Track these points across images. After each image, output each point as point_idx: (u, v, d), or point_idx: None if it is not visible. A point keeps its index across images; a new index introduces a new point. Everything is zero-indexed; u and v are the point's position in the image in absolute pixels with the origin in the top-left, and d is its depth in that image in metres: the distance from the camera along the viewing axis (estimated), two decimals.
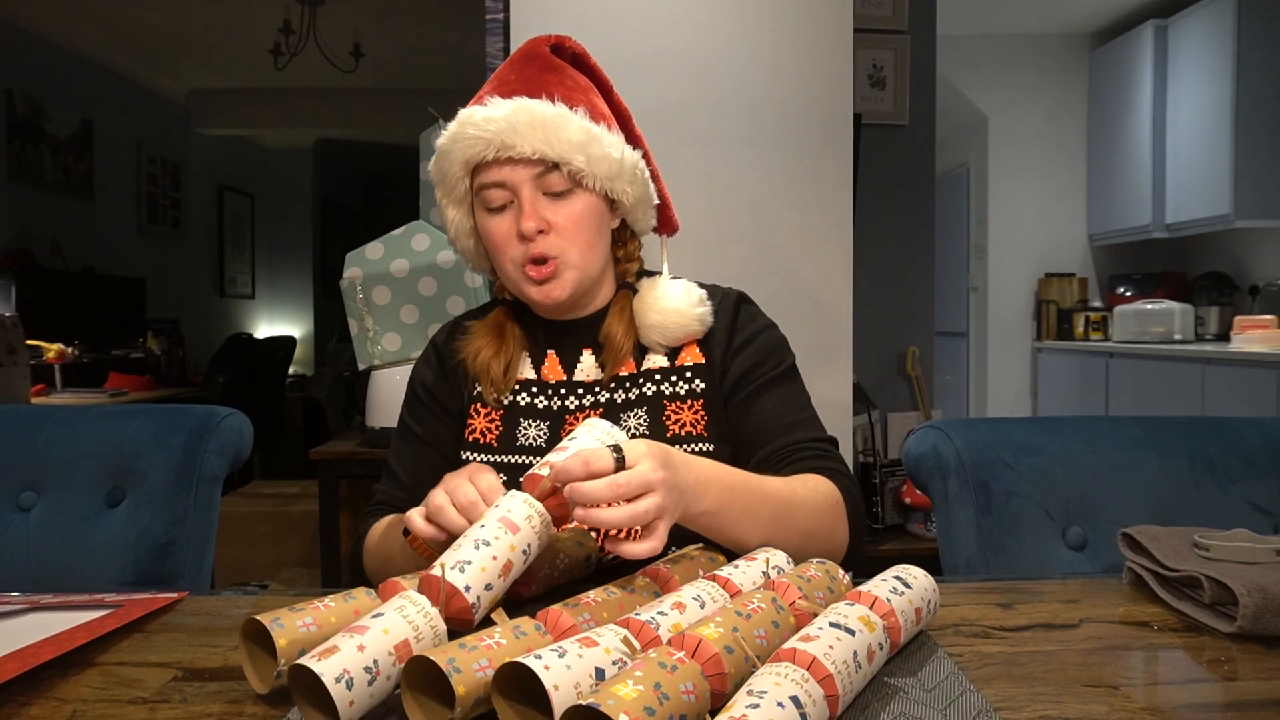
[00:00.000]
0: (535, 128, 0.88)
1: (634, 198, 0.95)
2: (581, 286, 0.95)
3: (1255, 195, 3.89)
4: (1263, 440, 1.11)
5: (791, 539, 0.83)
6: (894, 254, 3.00)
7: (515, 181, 0.90)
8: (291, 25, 4.50)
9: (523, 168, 0.90)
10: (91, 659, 0.68)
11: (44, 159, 4.83)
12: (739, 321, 1.00)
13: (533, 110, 0.88)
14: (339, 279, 1.98)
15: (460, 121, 0.91)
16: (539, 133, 0.88)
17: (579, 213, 0.92)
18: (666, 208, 1.03)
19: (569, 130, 0.88)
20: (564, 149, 0.88)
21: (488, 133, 0.88)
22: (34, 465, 1.14)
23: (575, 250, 0.92)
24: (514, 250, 0.92)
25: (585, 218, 0.92)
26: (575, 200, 0.91)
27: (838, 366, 1.80)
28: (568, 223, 0.91)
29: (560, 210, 0.91)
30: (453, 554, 0.66)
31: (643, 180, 0.95)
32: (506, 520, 0.69)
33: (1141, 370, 4.09)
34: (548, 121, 0.88)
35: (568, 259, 0.92)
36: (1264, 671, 0.65)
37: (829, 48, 1.79)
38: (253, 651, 0.62)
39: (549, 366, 0.99)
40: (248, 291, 7.25)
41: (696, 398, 0.96)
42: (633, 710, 0.46)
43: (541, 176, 0.90)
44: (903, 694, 0.60)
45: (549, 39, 0.97)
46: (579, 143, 0.89)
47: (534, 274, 0.92)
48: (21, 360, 3.04)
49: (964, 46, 4.80)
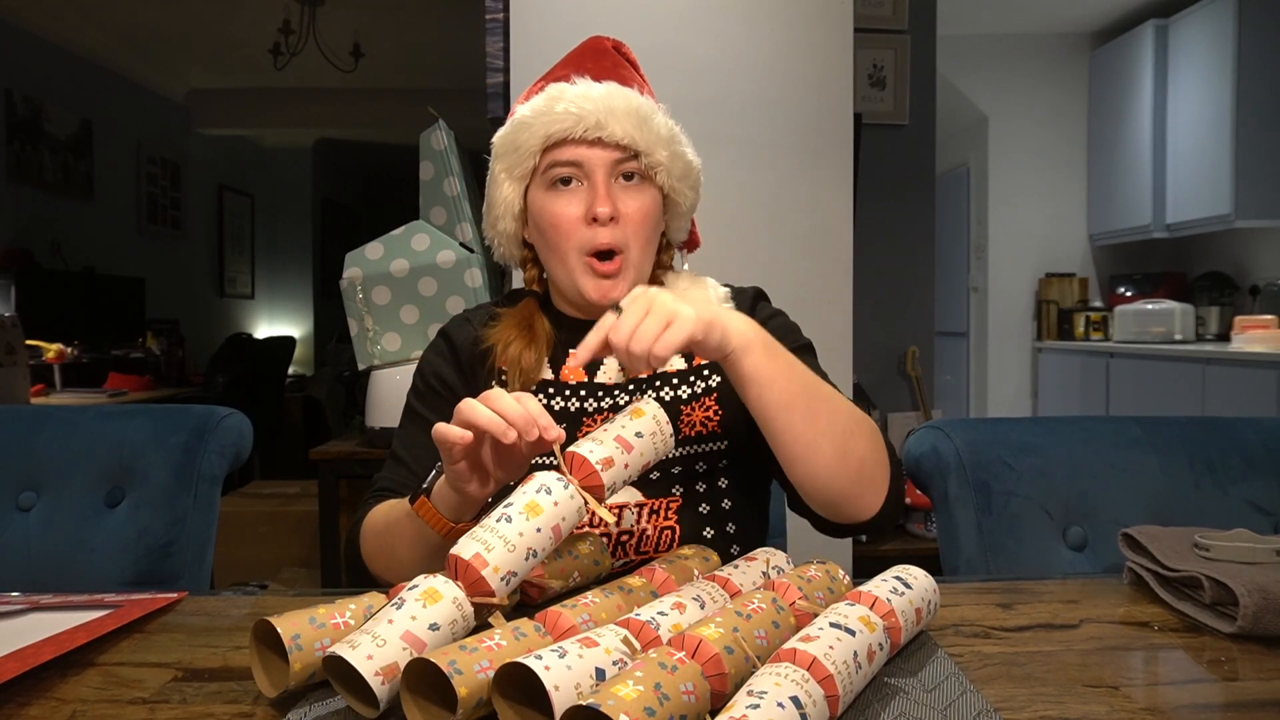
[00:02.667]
0: (630, 114, 0.88)
1: (689, 204, 0.96)
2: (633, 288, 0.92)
3: (1255, 195, 3.89)
4: (1263, 440, 1.11)
5: (833, 431, 0.79)
6: (894, 254, 3.00)
7: (593, 164, 0.89)
8: (291, 25, 4.50)
9: (605, 151, 0.89)
10: (91, 659, 0.68)
11: (44, 159, 4.83)
12: (756, 310, 1.01)
13: (627, 97, 0.89)
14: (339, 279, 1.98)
15: (550, 96, 0.89)
16: (632, 119, 0.88)
17: (647, 205, 0.91)
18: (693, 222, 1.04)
19: (656, 123, 0.90)
20: (651, 140, 0.89)
21: (582, 109, 0.87)
22: (34, 465, 1.14)
23: (638, 246, 0.91)
24: (579, 235, 0.90)
25: (651, 211, 0.92)
26: (644, 193, 0.91)
27: (838, 366, 1.80)
28: (636, 214, 0.90)
29: (630, 201, 0.90)
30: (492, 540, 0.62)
31: (698, 190, 0.97)
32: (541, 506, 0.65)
33: (1142, 370, 4.09)
34: (639, 110, 0.89)
35: (630, 256, 0.91)
36: (1264, 672, 0.65)
37: (829, 48, 1.79)
38: (262, 654, 0.62)
39: (570, 369, 0.97)
40: (247, 291, 7.25)
41: (710, 393, 0.95)
42: (633, 710, 0.46)
43: (619, 164, 0.90)
44: (903, 694, 0.60)
45: (609, 39, 0.98)
46: (665, 138, 0.90)
47: (600, 268, 0.90)
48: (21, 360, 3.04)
49: (964, 46, 4.80)
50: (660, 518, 0.91)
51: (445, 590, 0.60)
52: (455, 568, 0.62)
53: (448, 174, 1.98)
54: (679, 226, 1.00)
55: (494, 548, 0.62)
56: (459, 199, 1.99)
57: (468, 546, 0.62)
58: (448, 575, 0.62)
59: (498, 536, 0.62)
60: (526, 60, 1.75)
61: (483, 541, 0.62)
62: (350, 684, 0.58)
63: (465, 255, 1.92)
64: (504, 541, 0.62)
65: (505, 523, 0.63)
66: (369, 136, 6.89)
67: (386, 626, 0.57)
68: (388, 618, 0.57)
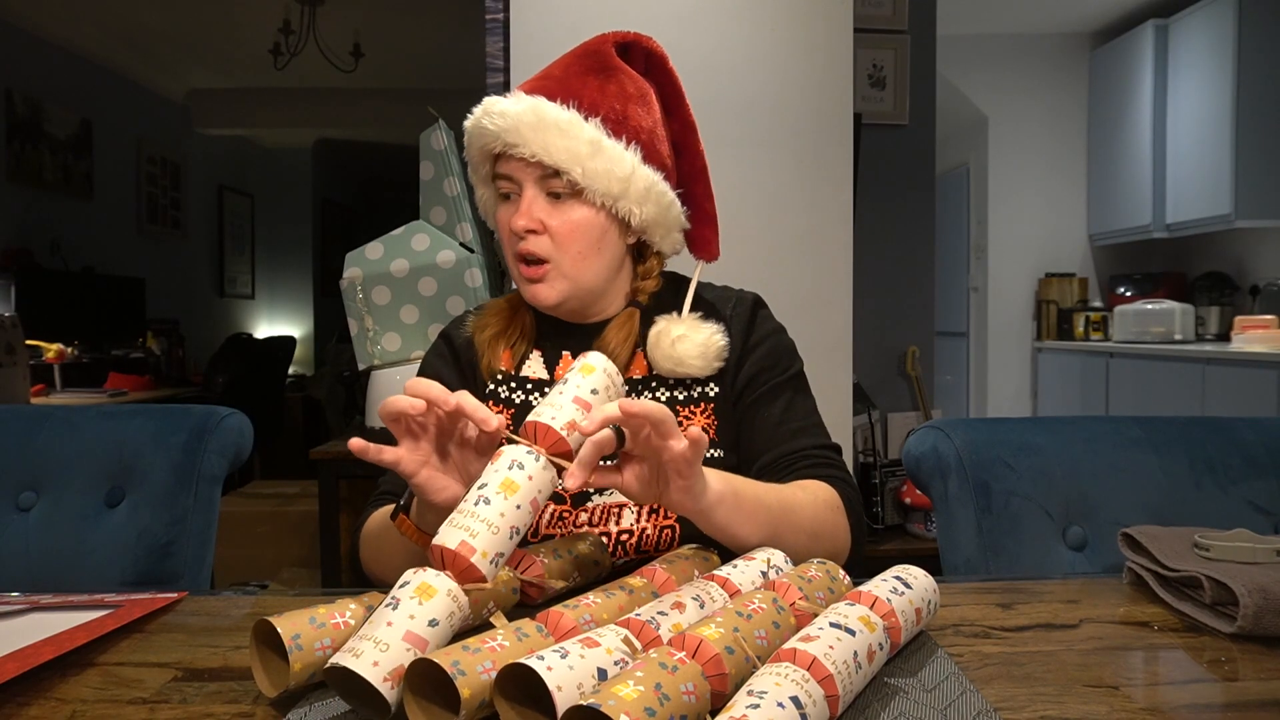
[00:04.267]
0: (540, 131, 0.87)
1: (645, 219, 0.93)
2: (574, 295, 0.94)
3: (1255, 195, 3.89)
4: (1263, 440, 1.11)
5: (796, 540, 0.83)
6: (894, 254, 3.00)
7: (520, 177, 0.90)
8: (291, 25, 4.50)
9: (529, 166, 0.89)
10: (91, 659, 0.68)
11: (44, 159, 4.83)
12: (755, 325, 0.99)
13: (542, 113, 0.88)
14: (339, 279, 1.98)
15: (482, 108, 0.91)
16: (541, 137, 0.87)
17: (575, 221, 0.91)
18: (710, 234, 1.00)
19: (573, 139, 0.87)
20: (562, 157, 0.87)
21: (496, 126, 0.88)
22: (34, 465, 1.14)
23: (567, 258, 0.91)
24: (512, 244, 0.92)
25: (581, 228, 0.91)
26: (574, 209, 0.91)
27: (838, 366, 1.80)
28: (562, 229, 0.90)
29: (558, 215, 0.91)
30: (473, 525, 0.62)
31: (660, 202, 0.93)
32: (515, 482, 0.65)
33: (1141, 370, 4.10)
34: (553, 126, 0.87)
35: (560, 266, 0.91)
36: (1264, 672, 0.65)
37: (829, 48, 1.79)
38: (262, 654, 0.62)
39: (564, 367, 0.98)
40: (247, 291, 7.25)
41: (708, 401, 0.96)
42: (633, 710, 0.46)
43: (545, 178, 0.90)
44: (903, 694, 0.60)
45: (622, 36, 0.96)
46: (580, 154, 0.87)
47: (526, 273, 0.93)
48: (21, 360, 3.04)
49: (964, 46, 4.80)
50: (660, 516, 0.91)
51: (438, 584, 0.60)
52: (442, 558, 0.61)
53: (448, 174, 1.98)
54: (656, 240, 0.96)
55: (478, 533, 0.62)
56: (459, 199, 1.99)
57: (451, 535, 0.62)
58: (435, 567, 0.62)
59: (480, 521, 0.62)
60: (526, 60, 1.75)
61: (465, 528, 0.62)
62: (356, 690, 0.57)
63: (465, 255, 1.92)
64: (487, 525, 0.62)
65: (484, 505, 0.63)
66: (369, 136, 6.90)
67: (387, 629, 0.57)
68: (386, 620, 0.57)
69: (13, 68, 4.63)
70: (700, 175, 0.99)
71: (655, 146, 0.94)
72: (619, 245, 0.95)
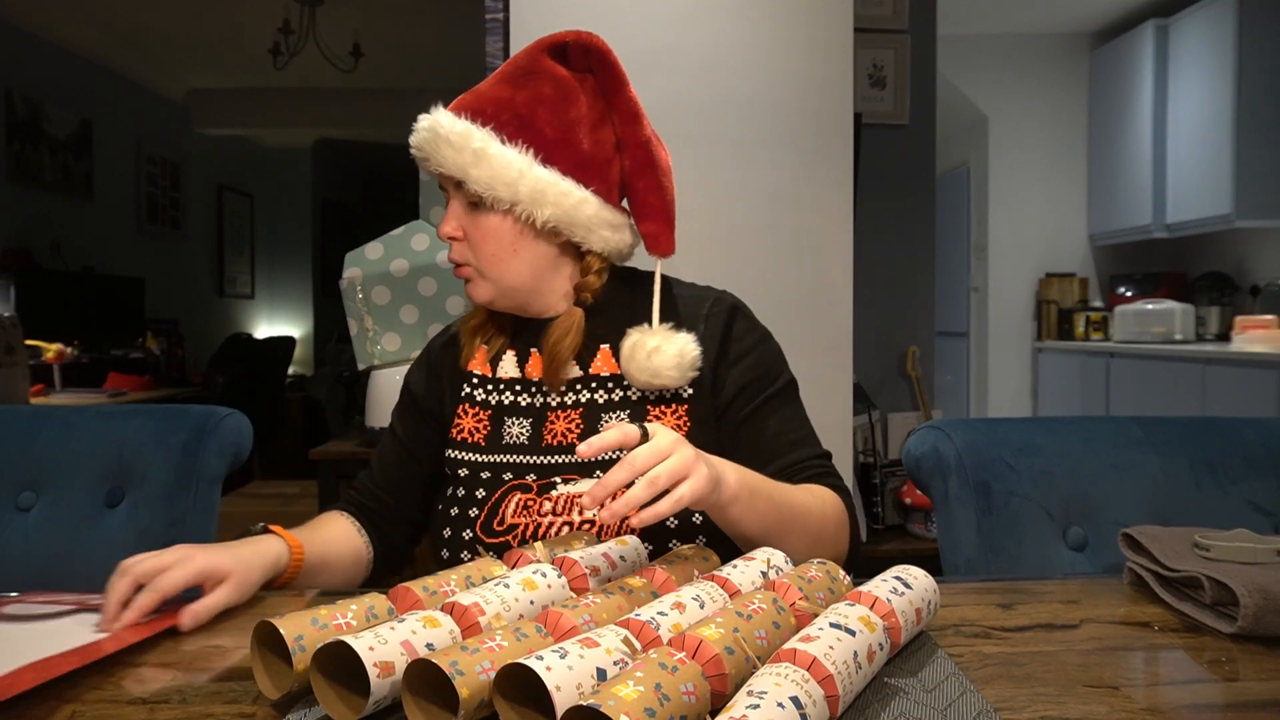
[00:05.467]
0: (435, 145, 0.92)
1: (550, 219, 0.92)
2: (504, 296, 0.98)
3: (1256, 195, 3.89)
4: (1263, 440, 1.11)
5: (801, 541, 0.87)
6: (894, 254, 3.00)
7: (446, 187, 0.97)
8: (291, 25, 4.50)
9: (445, 176, 0.94)
10: None
11: (44, 159, 4.83)
12: (734, 332, 0.98)
13: (436, 128, 0.92)
14: (339, 279, 1.98)
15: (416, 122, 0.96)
16: (436, 151, 0.92)
17: (484, 227, 0.94)
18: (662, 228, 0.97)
19: (460, 150, 0.91)
20: (452, 168, 0.92)
21: (413, 143, 0.95)
22: (33, 465, 1.14)
23: (483, 262, 0.96)
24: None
25: (490, 233, 0.94)
26: (486, 216, 0.94)
27: (838, 366, 1.80)
28: (475, 234, 0.95)
29: (472, 222, 0.95)
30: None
31: (564, 203, 0.92)
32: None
33: (1142, 370, 4.09)
34: (443, 140, 0.91)
35: (479, 268, 0.96)
36: (1264, 672, 0.65)
37: (829, 48, 1.79)
38: (263, 655, 0.62)
39: (533, 364, 1.00)
40: (247, 291, 7.25)
41: (681, 403, 0.96)
42: (633, 711, 0.46)
43: (460, 187, 0.94)
44: (903, 694, 0.60)
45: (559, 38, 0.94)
46: (463, 164, 0.91)
47: (457, 274, 0.99)
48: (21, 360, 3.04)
49: (964, 46, 4.80)
50: None
51: (444, 621, 0.61)
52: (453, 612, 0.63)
53: None
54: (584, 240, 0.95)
55: (491, 602, 0.65)
56: None
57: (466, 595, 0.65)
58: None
59: (495, 595, 0.66)
60: None
61: (481, 596, 0.65)
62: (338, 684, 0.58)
63: None
64: (500, 600, 0.66)
65: (503, 588, 0.67)
66: (369, 136, 6.90)
67: (388, 630, 0.58)
68: (389, 625, 0.58)
69: (13, 68, 4.63)
70: (645, 169, 0.95)
71: (569, 146, 0.92)
72: (540, 246, 0.95)
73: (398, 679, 0.56)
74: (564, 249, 0.98)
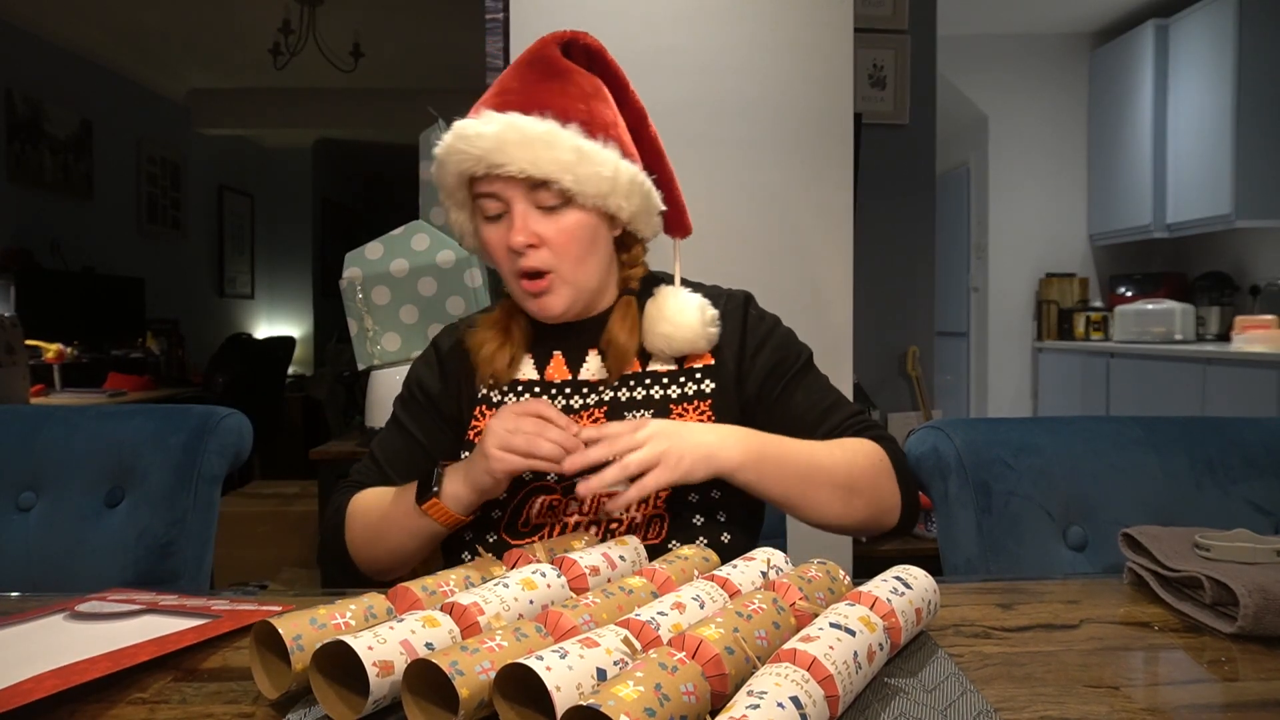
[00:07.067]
0: (523, 146, 0.87)
1: (632, 210, 0.94)
2: (578, 300, 0.95)
3: (1256, 195, 3.89)
4: (1263, 440, 1.11)
5: (832, 495, 0.89)
6: (894, 254, 3.00)
7: (507, 195, 0.90)
8: (291, 25, 4.50)
9: (515, 182, 0.89)
10: None
11: (44, 159, 4.83)
12: (749, 323, 1.00)
13: (522, 128, 0.87)
14: (339, 279, 1.97)
15: (454, 133, 0.90)
16: (527, 152, 0.87)
17: (570, 228, 0.91)
18: (680, 212, 1.01)
19: (558, 149, 0.87)
20: (552, 169, 0.87)
21: (477, 149, 0.88)
22: (33, 465, 1.14)
23: (568, 265, 0.92)
24: (509, 262, 0.92)
25: (577, 233, 0.91)
26: (567, 215, 0.91)
27: (838, 366, 1.80)
28: (560, 238, 0.91)
29: (552, 225, 0.91)
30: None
31: (642, 191, 0.94)
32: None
33: (1142, 370, 4.09)
34: (536, 140, 0.87)
35: (561, 274, 0.92)
36: (1264, 672, 0.65)
37: (829, 48, 1.79)
38: (263, 655, 0.62)
39: (554, 367, 1.00)
40: (247, 291, 7.25)
41: (704, 398, 0.96)
42: (633, 711, 0.46)
43: (533, 191, 0.90)
44: (903, 694, 0.60)
45: (561, 37, 0.95)
46: (567, 162, 0.88)
47: (529, 287, 0.93)
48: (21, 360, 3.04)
49: (964, 46, 4.80)
50: (649, 506, 0.93)
51: (443, 621, 0.62)
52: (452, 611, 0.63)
53: None
54: (639, 227, 0.97)
55: (490, 602, 0.65)
56: None
57: (466, 595, 0.65)
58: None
59: (495, 595, 0.66)
60: None
61: (480, 596, 0.65)
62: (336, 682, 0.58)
63: (465, 255, 1.92)
64: (499, 600, 0.66)
65: (503, 588, 0.68)
66: (369, 136, 6.89)
67: (387, 630, 0.58)
68: (388, 625, 0.59)
69: (13, 68, 4.62)
70: (660, 157, 0.99)
71: (623, 138, 0.94)
72: (608, 241, 0.97)
73: (397, 679, 0.56)
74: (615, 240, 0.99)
